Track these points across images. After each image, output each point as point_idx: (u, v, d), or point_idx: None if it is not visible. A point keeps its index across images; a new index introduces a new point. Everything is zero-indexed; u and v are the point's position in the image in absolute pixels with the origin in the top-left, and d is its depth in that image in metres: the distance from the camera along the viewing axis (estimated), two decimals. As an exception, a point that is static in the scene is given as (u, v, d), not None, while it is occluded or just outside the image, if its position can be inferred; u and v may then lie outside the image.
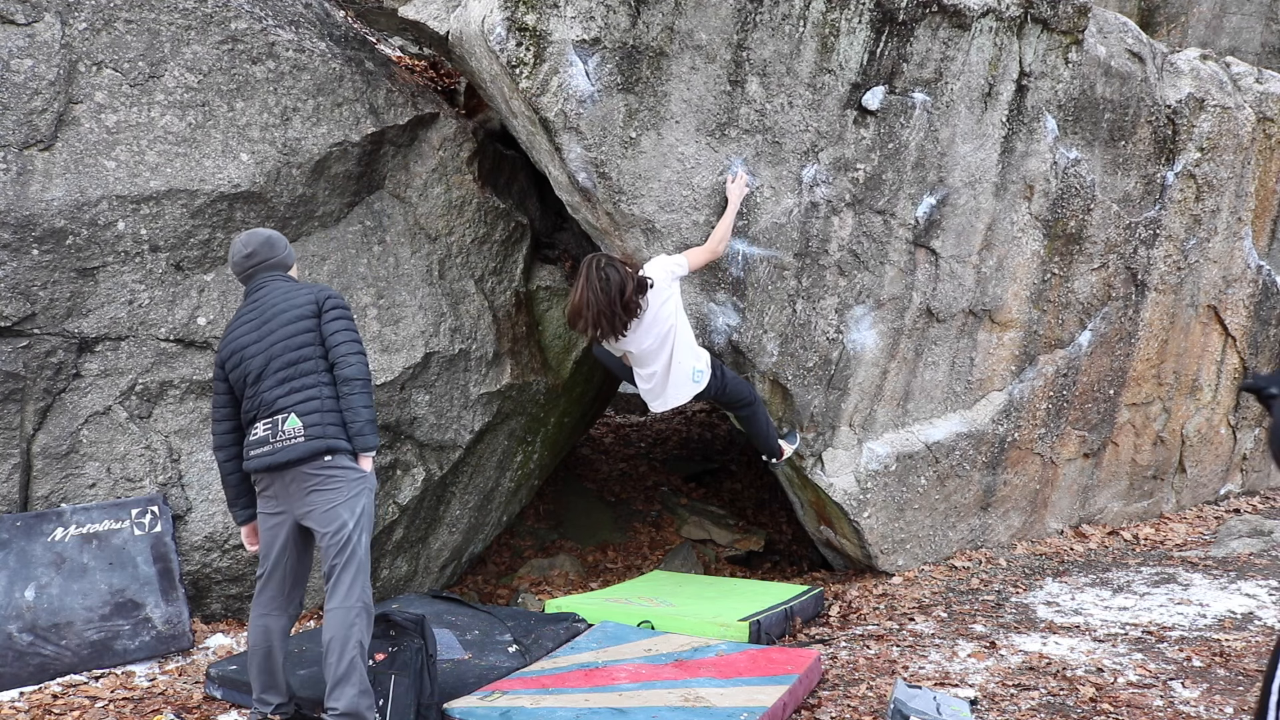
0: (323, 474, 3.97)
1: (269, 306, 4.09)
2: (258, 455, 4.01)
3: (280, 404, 3.98)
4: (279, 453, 3.95)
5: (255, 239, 4.24)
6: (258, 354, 4.03)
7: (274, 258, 4.26)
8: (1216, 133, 7.33)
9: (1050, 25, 6.32)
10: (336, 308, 4.09)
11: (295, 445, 3.94)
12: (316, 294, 4.10)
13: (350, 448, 4.00)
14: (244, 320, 4.13)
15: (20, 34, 5.10)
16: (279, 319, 4.04)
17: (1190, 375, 7.95)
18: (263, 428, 4.00)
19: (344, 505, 3.97)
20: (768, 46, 5.53)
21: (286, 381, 4.00)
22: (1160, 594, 6.03)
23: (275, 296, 4.12)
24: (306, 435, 3.95)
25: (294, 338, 4.02)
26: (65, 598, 5.01)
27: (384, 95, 6.10)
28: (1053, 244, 6.83)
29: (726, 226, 5.55)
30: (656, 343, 5.46)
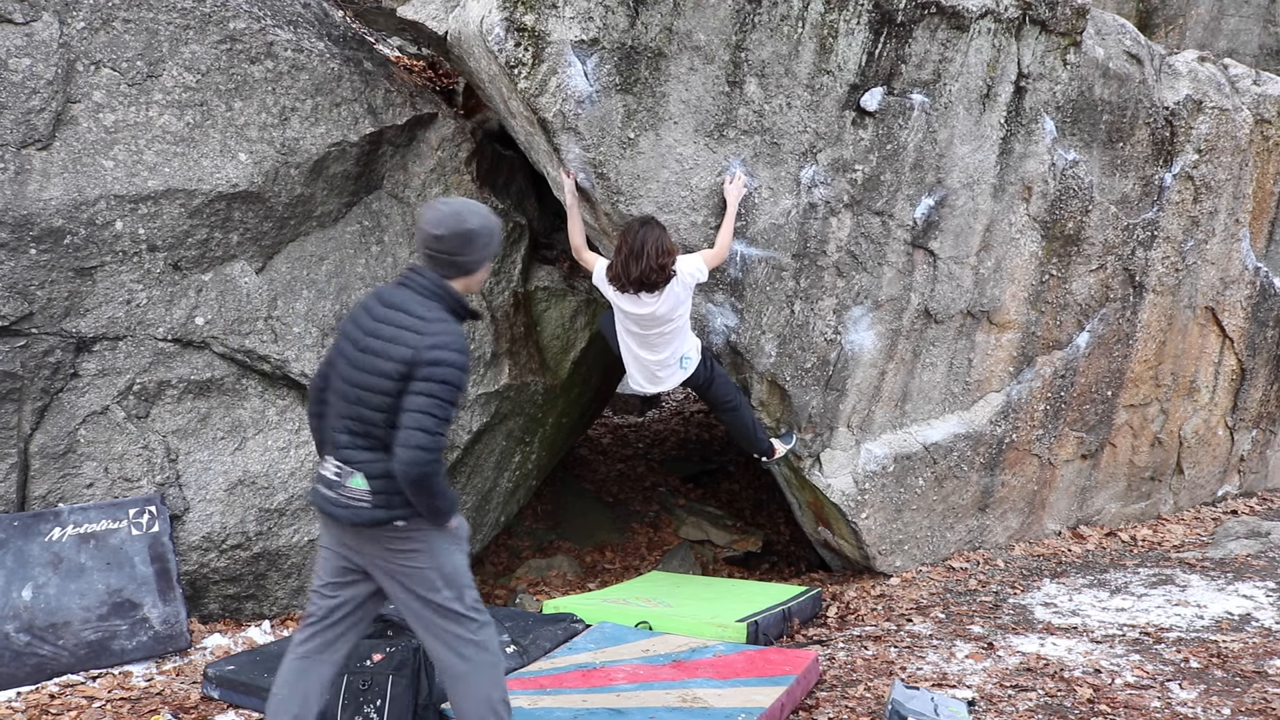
0: (395, 537, 3.44)
1: (379, 331, 3.41)
2: (323, 497, 3.51)
3: (346, 455, 3.44)
4: (343, 510, 3.43)
5: (457, 225, 3.44)
6: (345, 374, 3.46)
7: (458, 258, 3.47)
8: (1214, 135, 7.33)
9: (1048, 27, 6.32)
10: (430, 379, 3.30)
11: (361, 510, 3.41)
12: (416, 353, 3.31)
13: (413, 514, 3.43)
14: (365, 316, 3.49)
15: (18, 33, 5.09)
16: (374, 363, 3.37)
17: (1188, 377, 7.95)
18: (332, 469, 3.48)
19: (428, 567, 3.45)
20: (766, 47, 5.53)
21: (355, 435, 3.43)
22: (1158, 595, 6.03)
23: (391, 323, 3.40)
24: (373, 504, 3.40)
25: (377, 396, 3.37)
26: (62, 598, 5.01)
27: (382, 95, 6.10)
28: (1051, 245, 6.84)
29: (729, 229, 5.57)
30: (664, 337, 5.48)
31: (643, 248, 5.18)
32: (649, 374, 5.67)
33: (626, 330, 5.59)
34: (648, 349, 5.55)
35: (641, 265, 5.19)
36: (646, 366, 5.63)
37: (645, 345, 5.55)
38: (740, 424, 5.99)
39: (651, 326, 5.44)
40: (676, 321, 5.46)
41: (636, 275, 5.22)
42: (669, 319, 5.42)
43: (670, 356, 5.57)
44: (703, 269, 5.43)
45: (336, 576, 3.59)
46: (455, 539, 3.54)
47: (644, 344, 5.54)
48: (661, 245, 5.21)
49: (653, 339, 5.50)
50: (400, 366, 3.31)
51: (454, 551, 3.52)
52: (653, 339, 5.50)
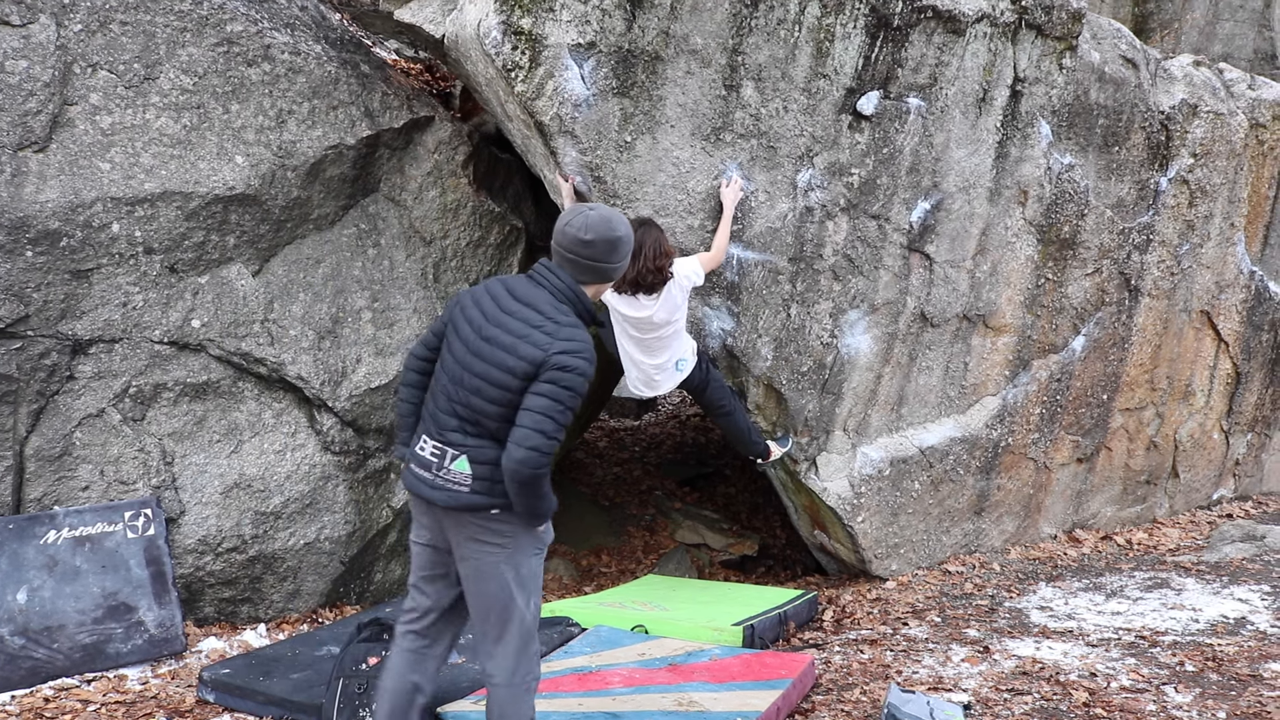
0: (487, 525, 3.42)
1: (507, 324, 3.35)
2: (417, 479, 3.48)
3: (452, 439, 3.40)
4: (439, 492, 3.40)
5: (607, 232, 3.39)
6: (460, 358, 3.40)
7: (600, 264, 3.43)
8: (1210, 139, 7.35)
9: (1044, 31, 6.34)
10: (555, 383, 3.26)
11: (459, 494, 3.38)
12: (546, 355, 3.26)
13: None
14: (492, 304, 3.42)
15: (15, 35, 5.09)
16: (497, 356, 3.31)
17: (1183, 380, 7.96)
18: (431, 448, 3.44)
19: (506, 562, 3.43)
20: (763, 51, 5.54)
21: (465, 422, 3.39)
22: (1153, 599, 6.04)
23: (521, 319, 3.34)
24: (472, 489, 3.37)
25: (495, 389, 3.31)
26: (57, 601, 5.00)
27: (379, 98, 6.10)
28: (1046, 249, 6.85)
29: (725, 233, 5.57)
30: (661, 341, 5.47)
31: (640, 249, 5.15)
32: (646, 378, 5.67)
33: (624, 334, 5.58)
34: (645, 353, 5.55)
35: (639, 266, 5.16)
36: (644, 370, 5.63)
37: (643, 349, 5.54)
38: (735, 427, 5.99)
39: (649, 330, 5.44)
40: (673, 325, 5.46)
41: (634, 276, 5.19)
42: (666, 322, 5.42)
43: (667, 361, 5.57)
44: (699, 272, 5.43)
45: (430, 569, 3.60)
46: (539, 543, 3.52)
47: (641, 348, 5.54)
48: (660, 247, 5.19)
49: (650, 343, 5.50)
50: (527, 366, 3.26)
51: (534, 555, 3.51)
52: (650, 343, 5.50)
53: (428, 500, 3.44)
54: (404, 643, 3.65)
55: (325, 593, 6.04)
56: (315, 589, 5.99)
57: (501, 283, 3.50)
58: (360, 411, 6.01)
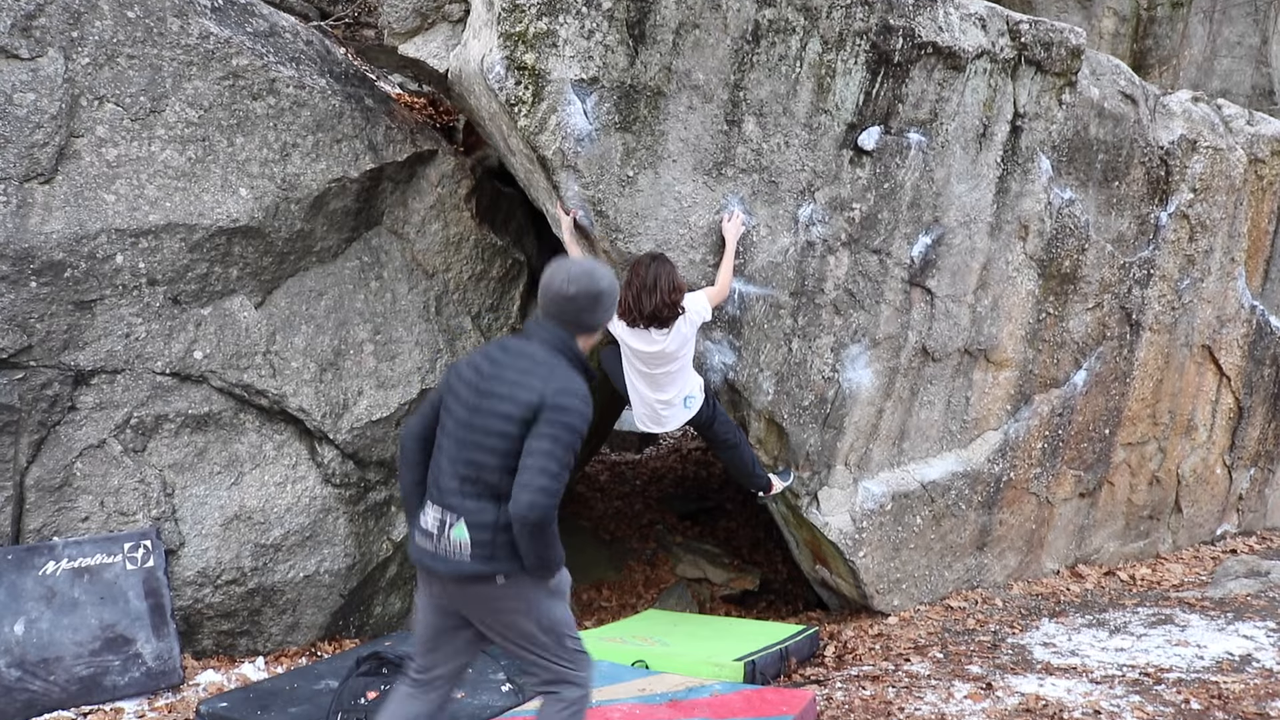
0: (494, 593, 3.36)
1: (502, 375, 3.37)
2: (420, 548, 3.44)
3: (451, 502, 3.35)
4: (441, 562, 3.36)
5: (589, 285, 3.44)
6: (460, 418, 3.39)
7: (585, 316, 3.47)
8: (1209, 174, 7.39)
9: (1044, 67, 6.39)
10: (555, 423, 3.25)
11: (460, 563, 3.32)
12: (543, 394, 3.27)
13: (516, 570, 3.33)
14: (485, 362, 3.46)
15: (24, 68, 5.14)
16: (495, 406, 3.32)
17: (1185, 415, 7.95)
18: (432, 517, 3.40)
19: (525, 618, 3.39)
20: (764, 87, 5.58)
21: (466, 481, 3.35)
22: (1157, 635, 6.00)
23: (516, 369, 3.37)
24: (473, 555, 3.31)
25: (494, 438, 3.30)
26: (55, 632, 4.97)
27: (383, 132, 6.14)
28: (1047, 284, 6.86)
29: (728, 267, 5.59)
30: (669, 376, 5.48)
31: (655, 283, 5.19)
32: (654, 414, 5.66)
33: (633, 369, 5.58)
34: (653, 388, 5.55)
35: (654, 300, 5.19)
36: (651, 406, 5.62)
37: (651, 384, 5.54)
38: (739, 461, 5.98)
39: (658, 365, 5.44)
40: (681, 360, 5.47)
41: (649, 310, 5.21)
42: (675, 357, 5.42)
43: (675, 396, 5.57)
44: (707, 308, 5.45)
45: (436, 637, 3.53)
46: (554, 593, 3.46)
47: (650, 383, 5.54)
48: (673, 281, 5.22)
49: (659, 378, 5.50)
50: (524, 410, 3.26)
51: (553, 605, 3.45)
52: (659, 378, 5.50)
53: (430, 569, 3.40)
54: (406, 686, 3.60)
55: (324, 626, 6.01)
56: (314, 622, 5.96)
57: (494, 343, 3.53)
58: (361, 444, 6.01)
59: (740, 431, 5.99)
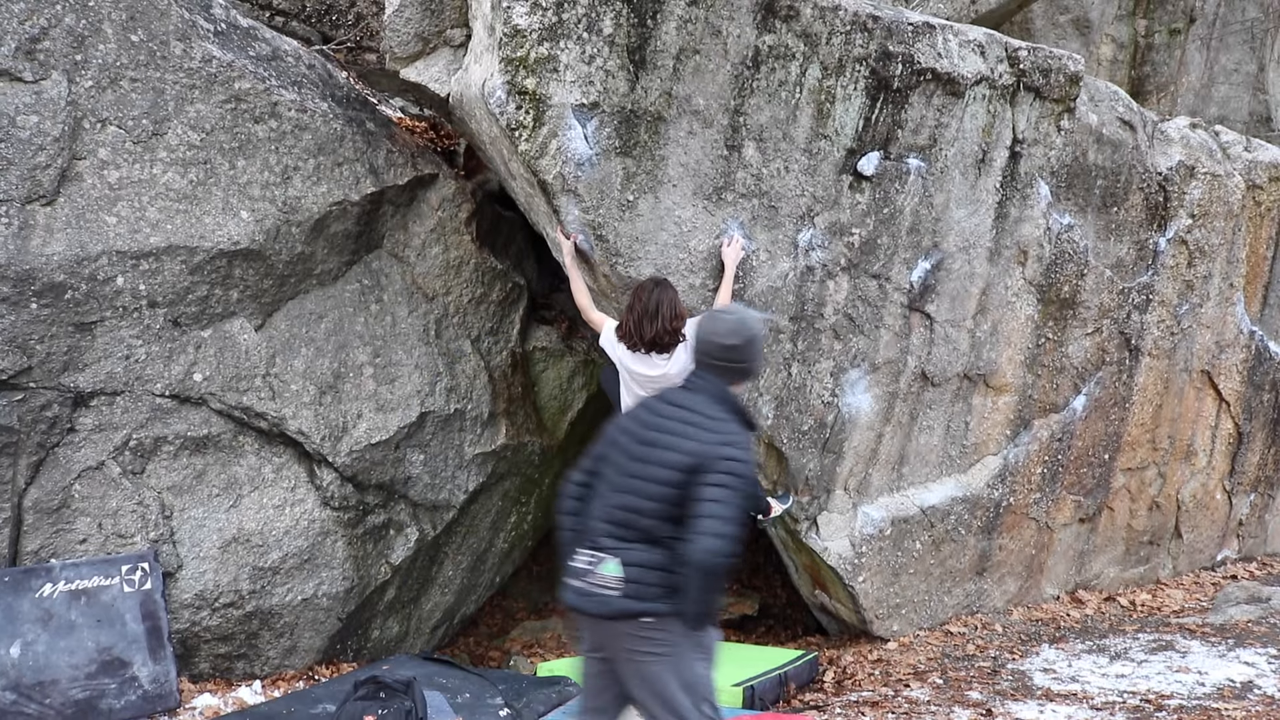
0: (641, 634, 3.36)
1: (666, 426, 3.46)
2: (571, 589, 3.49)
3: (603, 544, 3.42)
4: (589, 599, 3.41)
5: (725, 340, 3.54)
6: (621, 467, 3.48)
7: (744, 364, 3.59)
8: (1207, 200, 7.41)
9: (1042, 93, 6.42)
10: (722, 473, 3.31)
11: (609, 599, 3.36)
12: (703, 451, 3.35)
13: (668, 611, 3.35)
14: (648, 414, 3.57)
15: (27, 91, 5.16)
16: (656, 456, 3.40)
17: (1185, 440, 7.95)
18: (585, 558, 3.45)
19: (668, 670, 3.37)
20: (764, 112, 5.60)
21: (617, 526, 3.42)
22: (1158, 661, 5.98)
23: (675, 424, 3.46)
24: (624, 593, 3.35)
25: (654, 485, 3.38)
26: (51, 655, 4.95)
27: (384, 155, 6.16)
28: (1047, 309, 6.87)
29: (728, 292, 5.59)
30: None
31: (658, 309, 5.18)
32: None
33: (631, 395, 5.55)
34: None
35: (656, 326, 5.18)
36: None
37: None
38: None
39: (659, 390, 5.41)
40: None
41: (651, 336, 5.20)
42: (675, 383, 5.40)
43: None
44: None
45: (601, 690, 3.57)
46: (701, 648, 3.47)
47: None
48: (675, 308, 5.21)
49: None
50: (687, 459, 3.33)
51: (696, 661, 3.45)
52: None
53: (580, 610, 3.43)
54: None
55: (322, 649, 5.99)
56: (312, 645, 5.94)
57: (656, 397, 3.66)
58: (360, 467, 6.00)
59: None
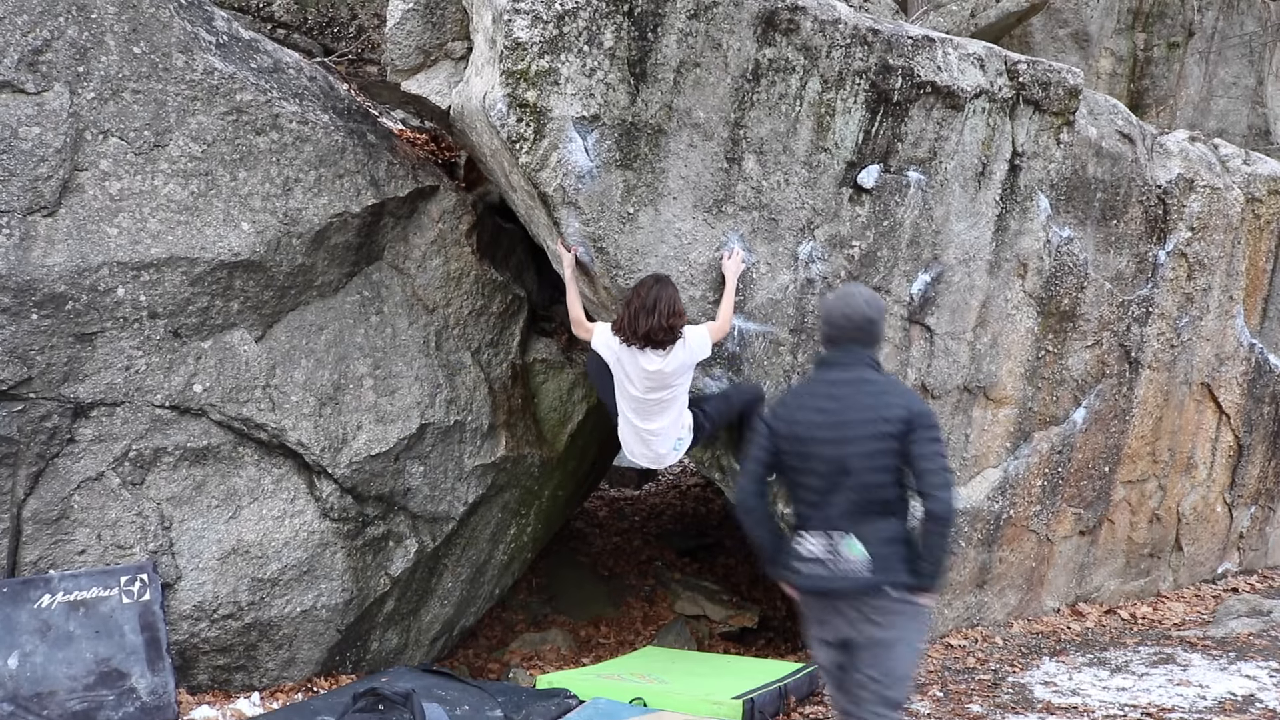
0: (882, 606, 3.62)
1: (855, 404, 3.68)
2: (809, 575, 3.71)
3: (841, 525, 3.63)
4: (836, 580, 3.62)
5: (866, 311, 3.81)
6: (830, 457, 3.66)
7: (878, 331, 3.89)
8: (1206, 213, 7.42)
9: (1042, 107, 6.43)
10: (929, 427, 3.63)
11: (856, 577, 3.59)
12: (908, 408, 3.65)
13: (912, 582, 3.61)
14: (819, 402, 3.75)
15: (29, 102, 5.17)
16: (865, 428, 3.63)
17: (1185, 453, 7.95)
18: (820, 545, 3.67)
19: (904, 645, 3.67)
20: (764, 125, 5.62)
21: (860, 506, 3.63)
22: (1159, 674, 5.96)
23: (864, 394, 3.69)
24: (873, 569, 3.59)
25: (878, 458, 3.62)
26: (49, 666, 4.94)
27: (385, 167, 6.18)
28: (1047, 321, 6.88)
29: (729, 304, 5.60)
30: (661, 405, 5.44)
31: (655, 304, 5.18)
32: (644, 444, 5.62)
33: (624, 394, 5.52)
34: (644, 416, 5.50)
35: (652, 321, 5.18)
36: (641, 436, 5.58)
37: (642, 412, 5.49)
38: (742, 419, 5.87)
39: (652, 390, 5.39)
40: (676, 390, 5.44)
41: (645, 330, 5.19)
42: (670, 385, 5.39)
43: (668, 427, 5.53)
44: (708, 343, 5.44)
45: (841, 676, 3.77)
46: (923, 628, 3.73)
47: (641, 411, 5.49)
48: (674, 306, 5.22)
49: (650, 405, 5.45)
50: (900, 425, 3.59)
51: (917, 642, 3.71)
52: (650, 405, 5.45)
53: (827, 592, 3.64)
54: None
55: (321, 661, 5.97)
56: (311, 657, 5.93)
57: (812, 381, 3.87)
58: (360, 479, 6.00)
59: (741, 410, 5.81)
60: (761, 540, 3.88)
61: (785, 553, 3.82)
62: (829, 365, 3.82)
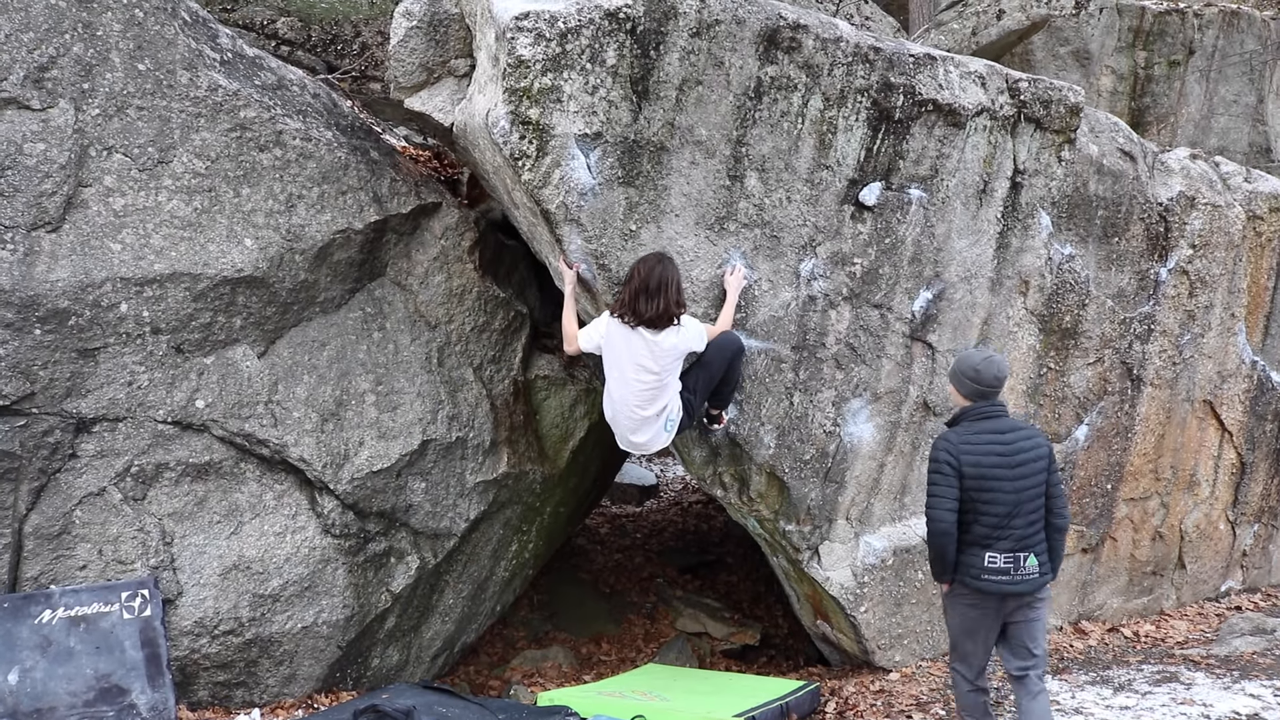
0: (1040, 598, 4.71)
1: (1017, 445, 4.65)
2: (996, 581, 4.61)
3: (1027, 543, 4.62)
4: (1019, 584, 4.60)
5: (1005, 371, 4.79)
6: (1010, 491, 4.59)
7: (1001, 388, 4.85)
8: (1208, 230, 7.43)
9: (1043, 124, 6.45)
10: (1054, 457, 4.75)
11: (1032, 580, 4.62)
12: (1045, 445, 4.72)
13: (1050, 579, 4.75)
14: (992, 446, 4.65)
15: (35, 119, 5.20)
16: (1030, 465, 4.63)
17: (1188, 470, 7.93)
18: (1004, 559, 4.61)
19: (1041, 624, 4.74)
20: (766, 143, 5.63)
21: (1034, 525, 4.64)
22: (1162, 693, 5.94)
23: (1020, 438, 4.68)
24: (1040, 572, 4.64)
25: (1039, 486, 4.65)
26: (49, 682, 4.93)
27: (388, 184, 6.19)
28: (1048, 339, 6.88)
29: (728, 318, 5.59)
30: (650, 390, 5.37)
31: (660, 288, 5.19)
32: (636, 430, 5.50)
33: (615, 374, 5.43)
34: (633, 397, 5.39)
35: (655, 306, 5.19)
36: (633, 419, 5.46)
37: (632, 393, 5.38)
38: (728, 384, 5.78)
39: (644, 369, 5.31)
40: (666, 373, 5.36)
41: (649, 315, 5.19)
42: (659, 369, 5.32)
43: (657, 412, 5.43)
44: (703, 338, 5.44)
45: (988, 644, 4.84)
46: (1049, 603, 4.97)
47: (631, 391, 5.37)
48: (678, 294, 5.25)
49: (640, 387, 5.36)
50: (1045, 459, 4.68)
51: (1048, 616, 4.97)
52: (640, 387, 5.36)
53: (1008, 594, 4.62)
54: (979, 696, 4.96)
55: (321, 677, 5.96)
56: (311, 674, 5.92)
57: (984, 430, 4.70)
58: (361, 495, 6.00)
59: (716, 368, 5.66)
60: (948, 557, 4.67)
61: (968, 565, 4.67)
62: (989, 416, 4.73)
